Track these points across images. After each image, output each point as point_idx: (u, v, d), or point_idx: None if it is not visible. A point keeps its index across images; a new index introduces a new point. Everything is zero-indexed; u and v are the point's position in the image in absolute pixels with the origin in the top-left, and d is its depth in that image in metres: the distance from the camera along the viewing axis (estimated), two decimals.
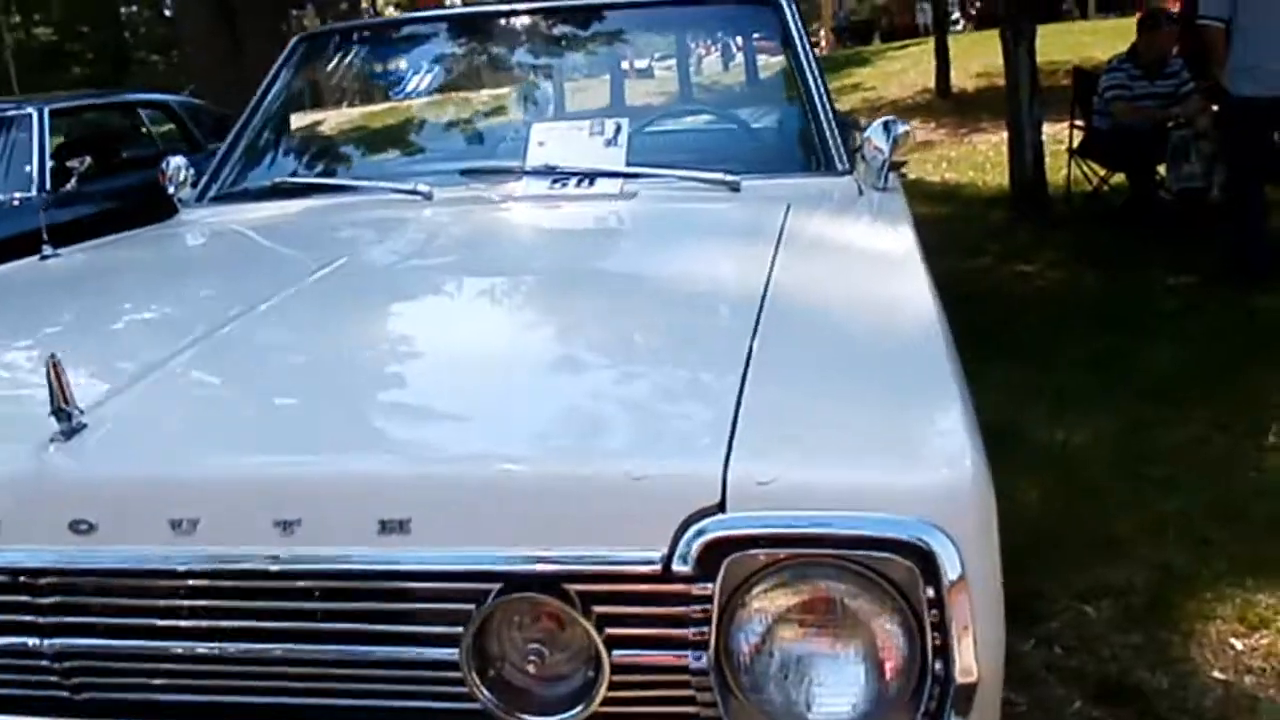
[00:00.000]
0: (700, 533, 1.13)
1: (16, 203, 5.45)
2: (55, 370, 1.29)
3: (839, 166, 2.67)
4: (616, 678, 1.19)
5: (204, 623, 1.25)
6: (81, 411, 1.30)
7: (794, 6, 2.96)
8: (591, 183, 2.62)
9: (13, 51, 20.33)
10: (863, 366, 1.44)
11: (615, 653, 1.18)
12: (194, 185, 2.97)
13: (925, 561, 1.11)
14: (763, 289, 1.70)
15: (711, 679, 1.17)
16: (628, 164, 2.63)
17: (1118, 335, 5.04)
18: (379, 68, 3.26)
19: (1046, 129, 7.95)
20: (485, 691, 1.20)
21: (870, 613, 1.16)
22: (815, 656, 1.18)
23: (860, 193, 2.60)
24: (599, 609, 1.17)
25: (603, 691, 1.19)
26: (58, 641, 1.28)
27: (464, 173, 2.73)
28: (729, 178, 2.54)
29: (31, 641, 1.29)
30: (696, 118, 2.99)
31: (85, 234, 2.86)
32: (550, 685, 1.22)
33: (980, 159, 10.73)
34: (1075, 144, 7.92)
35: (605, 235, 2.43)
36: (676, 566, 1.14)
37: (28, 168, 5.66)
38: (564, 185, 2.63)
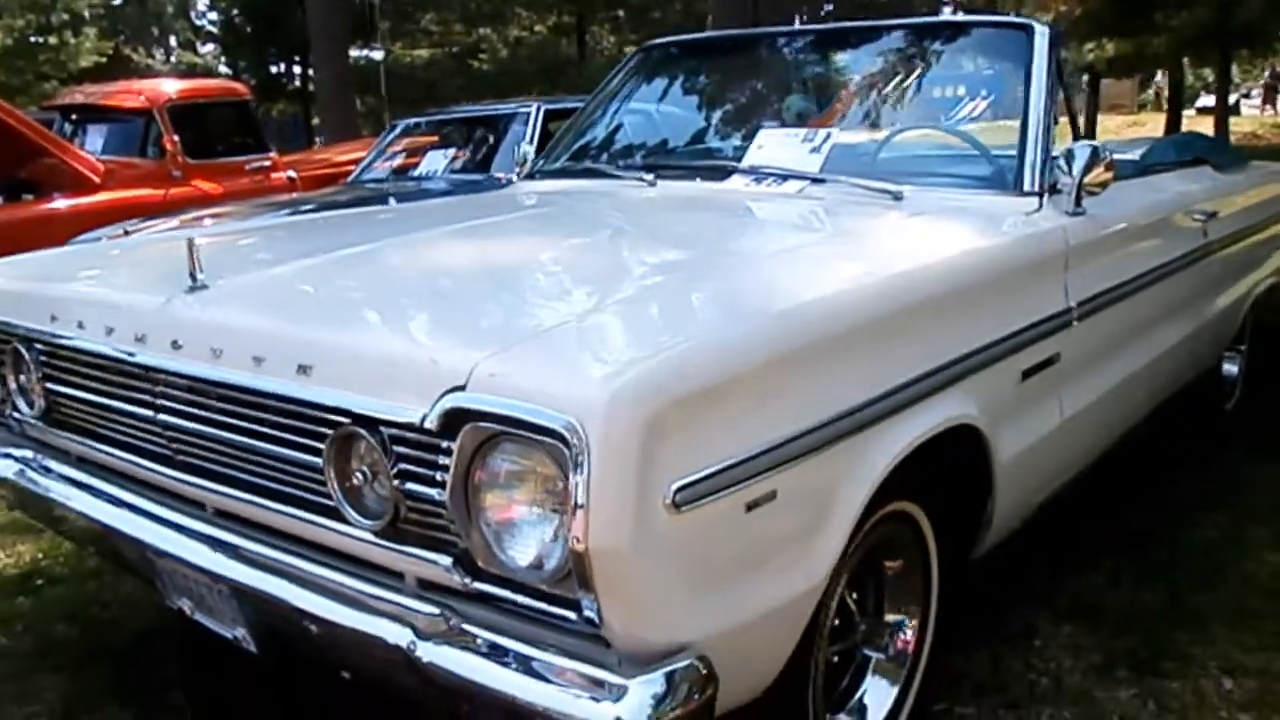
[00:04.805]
0: (439, 402, 1.57)
1: (502, 179, 6.70)
2: (191, 248, 2.04)
3: (1027, 187, 2.74)
4: (408, 501, 1.67)
5: (217, 415, 1.92)
6: (202, 276, 2.04)
7: (1053, 35, 3.01)
8: (782, 182, 2.96)
9: None
10: (713, 324, 1.77)
11: (407, 485, 1.66)
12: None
13: (568, 449, 1.45)
14: (758, 261, 2.06)
15: (452, 512, 1.60)
16: (824, 169, 2.93)
17: None
18: (686, 76, 3.79)
19: None
20: (336, 489, 1.74)
21: (549, 485, 1.52)
22: (512, 512, 1.57)
23: (1035, 211, 2.67)
24: (398, 449, 1.66)
25: (393, 508, 1.68)
26: (162, 417, 2.04)
27: (692, 167, 3.21)
28: (893, 188, 2.75)
29: (148, 413, 2.06)
30: (912, 132, 3.15)
31: None
32: (375, 498, 1.73)
33: None
34: None
35: (724, 215, 2.78)
36: (428, 425, 1.59)
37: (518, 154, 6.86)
38: (760, 183, 3.00)
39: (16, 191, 7.57)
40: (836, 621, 2.14)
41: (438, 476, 1.61)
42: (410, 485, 1.66)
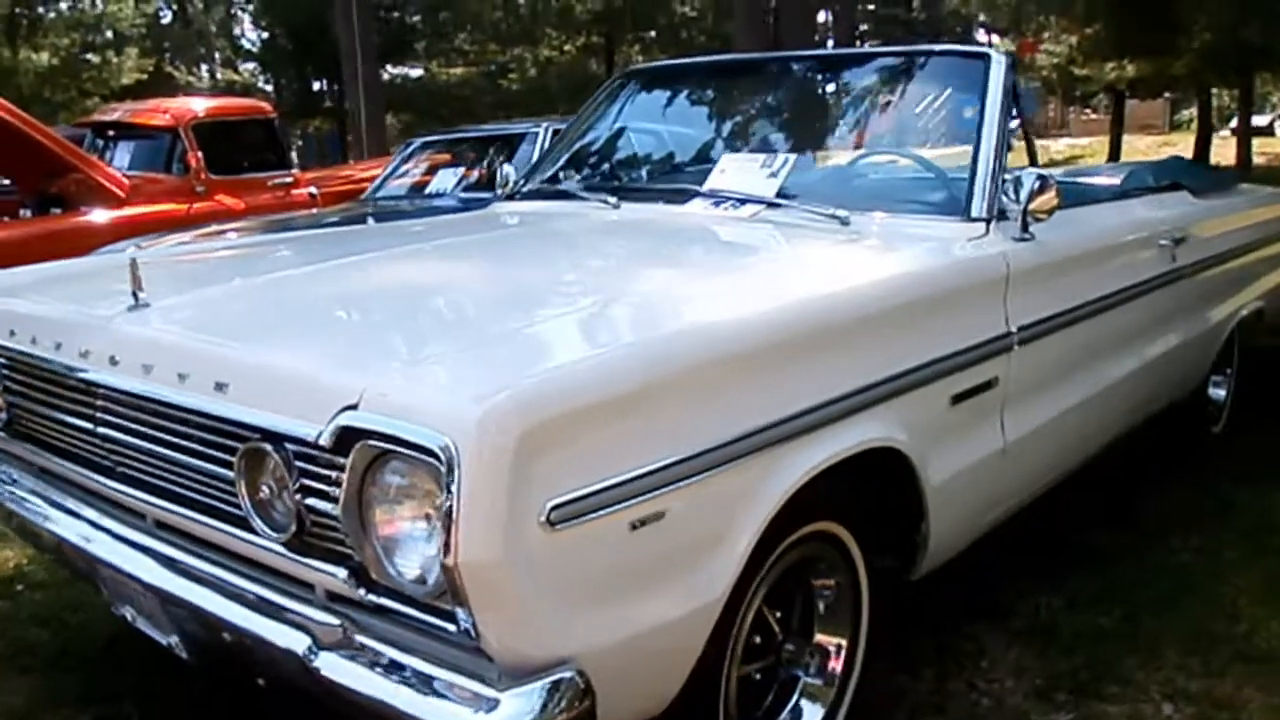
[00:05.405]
0: (333, 420, 1.64)
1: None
2: (134, 268, 2.13)
3: (975, 213, 2.78)
4: (311, 515, 1.74)
5: (147, 429, 2.01)
6: (144, 295, 2.13)
7: (1010, 62, 3.05)
8: (740, 206, 3.01)
9: None
10: (601, 346, 1.82)
11: (308, 499, 1.73)
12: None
13: (443, 467, 1.51)
14: (678, 284, 2.15)
15: (345, 527, 1.67)
16: (780, 194, 2.98)
17: None
18: (663, 101, 3.86)
19: None
20: (246, 501, 1.82)
21: (431, 502, 1.58)
22: (400, 527, 1.64)
23: (981, 237, 2.70)
24: (299, 464, 1.73)
25: (297, 521, 1.75)
26: (101, 430, 2.13)
27: (656, 190, 3.28)
28: (840, 213, 2.79)
29: (89, 425, 2.14)
30: (870, 158, 3.20)
31: None
32: (281, 511, 1.80)
33: None
34: None
35: (668, 239, 2.85)
36: (322, 442, 1.66)
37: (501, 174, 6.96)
38: (718, 206, 3.05)
39: (45, 205, 7.81)
40: (757, 639, 2.18)
41: (333, 492, 1.68)
42: (311, 500, 1.73)
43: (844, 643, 2.40)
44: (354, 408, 1.64)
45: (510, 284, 2.31)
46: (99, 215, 7.65)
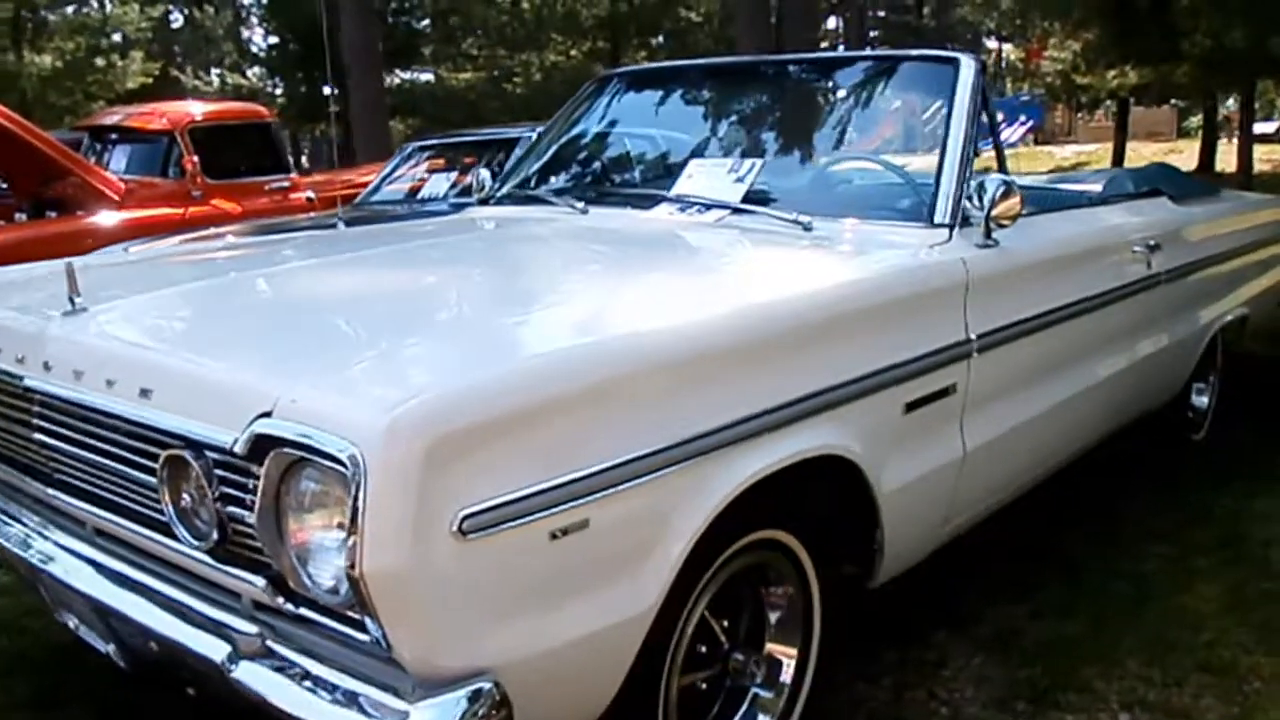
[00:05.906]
0: (249, 428, 1.62)
1: None
2: (70, 274, 2.12)
3: (939, 219, 2.74)
4: (231, 523, 1.72)
5: (77, 435, 1.99)
6: (80, 299, 2.11)
7: (979, 67, 3.02)
8: (706, 211, 2.99)
9: None
10: (521, 354, 1.81)
11: (227, 507, 1.71)
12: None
13: (350, 476, 1.49)
14: (618, 291, 2.12)
15: (260, 535, 1.65)
16: (746, 200, 2.95)
17: None
18: (637, 106, 3.83)
19: None
20: (170, 509, 1.80)
21: (342, 511, 1.56)
22: (314, 536, 1.62)
23: (944, 243, 2.67)
24: (218, 472, 1.71)
25: (218, 529, 1.73)
26: (37, 436, 2.11)
27: (625, 195, 3.26)
28: (803, 218, 2.76)
29: (26, 431, 2.13)
30: (837, 164, 3.17)
31: None
32: (203, 519, 1.78)
33: None
34: None
35: (626, 244, 2.84)
36: (237, 450, 1.64)
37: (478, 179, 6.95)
38: (684, 212, 3.03)
39: (41, 209, 7.83)
40: (701, 648, 2.15)
41: (251, 500, 1.66)
42: (230, 508, 1.71)
43: (795, 652, 2.37)
44: (268, 415, 1.62)
45: (452, 290, 2.29)
46: (94, 219, 7.66)
